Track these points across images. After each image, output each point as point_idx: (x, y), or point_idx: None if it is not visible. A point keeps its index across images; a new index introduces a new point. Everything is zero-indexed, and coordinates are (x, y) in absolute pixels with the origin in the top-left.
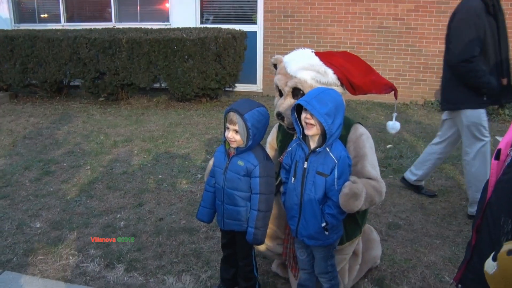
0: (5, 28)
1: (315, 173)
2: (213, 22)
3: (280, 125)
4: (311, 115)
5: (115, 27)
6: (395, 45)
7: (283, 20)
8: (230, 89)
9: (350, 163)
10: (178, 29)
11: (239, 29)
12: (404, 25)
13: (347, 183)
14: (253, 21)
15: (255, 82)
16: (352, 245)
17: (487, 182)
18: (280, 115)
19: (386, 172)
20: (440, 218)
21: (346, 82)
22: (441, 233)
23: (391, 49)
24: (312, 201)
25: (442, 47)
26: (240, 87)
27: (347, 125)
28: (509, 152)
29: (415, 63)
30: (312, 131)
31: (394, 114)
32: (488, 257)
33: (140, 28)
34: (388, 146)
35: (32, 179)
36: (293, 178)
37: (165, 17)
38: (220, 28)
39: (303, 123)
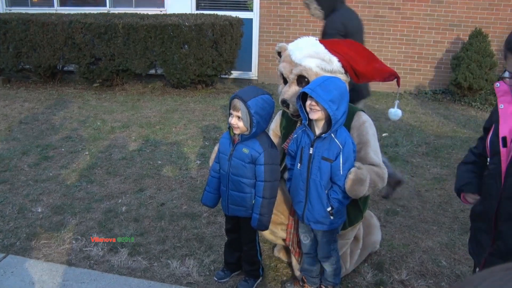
0: None
1: (320, 159)
2: (208, 9)
3: (283, 112)
4: (316, 102)
5: (110, 12)
6: (390, 34)
7: (279, 8)
8: (226, 76)
9: (355, 148)
10: (174, 15)
11: (236, 16)
12: (399, 14)
13: (352, 169)
14: (249, 8)
15: (250, 70)
16: (354, 230)
17: (496, 168)
18: (285, 102)
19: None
20: (436, 205)
21: (350, 70)
22: (437, 219)
23: (386, 38)
24: (317, 186)
25: (437, 37)
26: (235, 74)
27: (350, 113)
28: None
29: (410, 53)
30: (317, 115)
31: (397, 102)
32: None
33: (136, 13)
34: (383, 135)
35: (31, 164)
36: (299, 164)
37: (160, 2)
38: (217, 15)
39: (308, 109)
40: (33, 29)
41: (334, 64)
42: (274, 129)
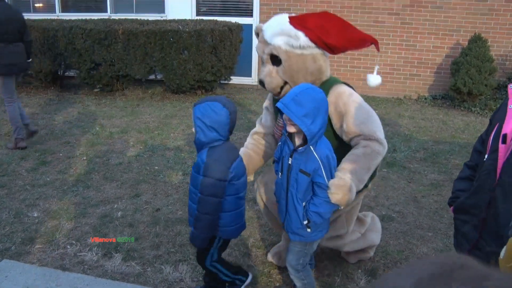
0: None
1: (298, 171)
2: (209, 14)
3: None
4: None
5: (111, 17)
6: (390, 39)
7: (279, 13)
8: (226, 82)
9: (335, 164)
10: (174, 20)
11: (235, 22)
12: (399, 20)
13: (330, 182)
14: (249, 14)
15: (250, 75)
16: (360, 196)
17: (492, 164)
18: (261, 82)
19: (380, 166)
20: (433, 211)
21: (320, 43)
22: (433, 225)
23: (386, 44)
24: (293, 198)
25: (436, 42)
26: (235, 80)
27: (327, 89)
28: None
29: (410, 58)
30: (293, 129)
31: (376, 67)
32: (498, 235)
33: (136, 19)
34: None
35: (29, 169)
36: (280, 173)
37: (160, 8)
38: (216, 21)
39: (285, 122)
40: (34, 35)
41: (301, 39)
42: (268, 106)
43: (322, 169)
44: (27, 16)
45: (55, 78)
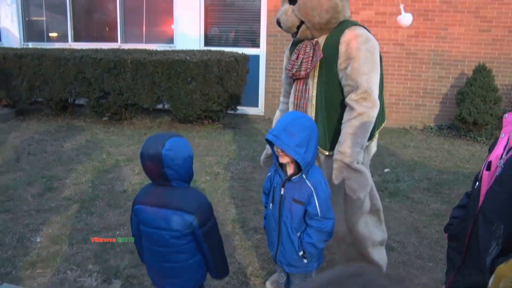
0: (15, 46)
1: (291, 201)
2: (217, 45)
3: (290, 46)
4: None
5: (121, 47)
6: (395, 70)
7: (285, 44)
8: (232, 112)
9: (329, 191)
10: (182, 51)
11: (242, 53)
12: (404, 50)
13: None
14: (256, 45)
15: (257, 105)
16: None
17: (477, 191)
18: (277, 21)
19: (383, 196)
20: (434, 241)
21: None
22: (434, 256)
23: (391, 74)
24: (288, 229)
25: (441, 72)
26: (242, 110)
27: (343, 28)
28: (499, 164)
29: (415, 88)
30: (286, 160)
31: (402, 5)
32: (479, 261)
33: (145, 49)
34: (385, 170)
35: (35, 195)
36: (271, 204)
37: (169, 38)
38: (223, 51)
39: (277, 153)
40: (46, 63)
41: None
42: (287, 53)
43: (315, 197)
44: (40, 45)
45: (65, 106)
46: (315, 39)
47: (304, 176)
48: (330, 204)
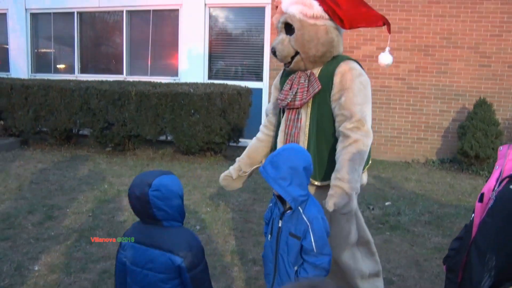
0: (22, 77)
1: (288, 234)
2: (220, 78)
3: (283, 71)
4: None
5: (126, 79)
6: (397, 104)
7: None
8: (235, 144)
9: (327, 226)
10: (185, 83)
11: (245, 86)
12: (405, 84)
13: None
14: (259, 78)
15: None
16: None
17: (471, 223)
18: (272, 49)
19: (383, 229)
20: (434, 275)
21: (332, 14)
22: None
23: (393, 108)
24: (285, 262)
25: (442, 106)
26: (244, 143)
27: (338, 61)
28: (491, 196)
29: (417, 122)
30: (276, 192)
31: (387, 48)
32: None
33: (149, 81)
34: (386, 204)
35: (35, 223)
36: (269, 235)
37: (174, 71)
38: (226, 84)
39: None
40: (52, 94)
41: (314, 8)
42: (275, 83)
43: (310, 232)
44: (47, 76)
45: (69, 136)
46: (310, 70)
47: (300, 210)
48: (326, 240)
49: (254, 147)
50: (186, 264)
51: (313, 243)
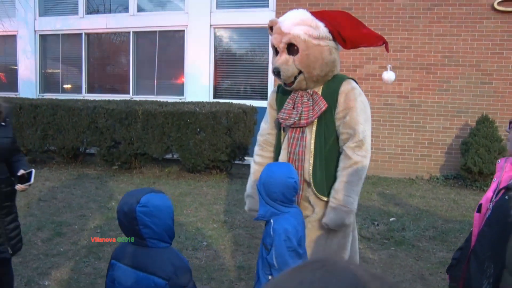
0: (31, 96)
1: (262, 243)
2: (225, 97)
3: (278, 86)
4: None
5: (132, 99)
6: (400, 121)
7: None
8: (240, 162)
9: (291, 244)
10: (191, 103)
11: (250, 104)
12: (408, 102)
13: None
14: (264, 97)
15: None
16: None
17: (471, 233)
18: (276, 70)
19: (388, 245)
20: None
21: (336, 34)
22: None
23: (396, 125)
24: (260, 270)
25: (445, 123)
26: (249, 161)
27: (340, 80)
28: (489, 207)
29: (420, 139)
30: None
31: (389, 66)
32: None
33: (156, 101)
34: (391, 219)
35: (44, 239)
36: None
37: (180, 91)
38: (232, 103)
39: None
40: (60, 113)
41: (320, 29)
42: (270, 102)
43: (273, 246)
44: (55, 96)
45: (76, 154)
46: (312, 90)
47: (272, 222)
48: (286, 258)
49: (258, 174)
50: (171, 286)
51: (274, 259)
